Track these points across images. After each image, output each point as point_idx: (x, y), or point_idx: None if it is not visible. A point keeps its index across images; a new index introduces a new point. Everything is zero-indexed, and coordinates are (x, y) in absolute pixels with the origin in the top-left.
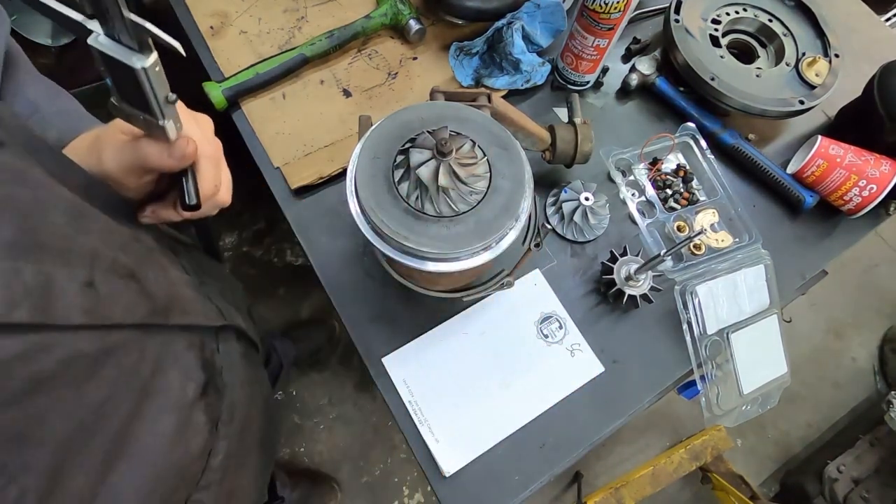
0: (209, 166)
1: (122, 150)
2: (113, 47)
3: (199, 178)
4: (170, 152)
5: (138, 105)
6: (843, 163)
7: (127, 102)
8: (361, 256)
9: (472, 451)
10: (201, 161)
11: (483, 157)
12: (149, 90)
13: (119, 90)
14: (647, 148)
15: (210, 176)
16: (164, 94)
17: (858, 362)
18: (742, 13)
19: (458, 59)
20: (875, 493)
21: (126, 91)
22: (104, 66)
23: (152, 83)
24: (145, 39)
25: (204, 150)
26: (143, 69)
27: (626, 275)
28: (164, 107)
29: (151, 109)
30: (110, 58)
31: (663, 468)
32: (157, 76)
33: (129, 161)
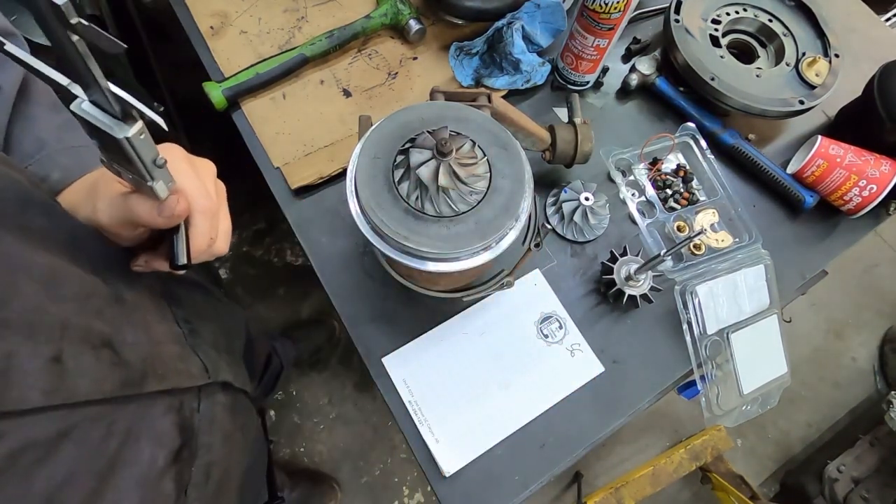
0: (203, 221)
1: (114, 204)
2: (97, 114)
3: (192, 232)
4: (159, 210)
5: (126, 167)
6: (843, 163)
7: (116, 162)
8: (361, 256)
9: (472, 451)
10: (195, 216)
11: (483, 157)
12: (134, 157)
13: (106, 153)
14: (647, 148)
15: (204, 230)
16: (152, 157)
17: (858, 362)
18: (742, 13)
19: (458, 59)
20: (875, 493)
21: (113, 154)
22: (89, 131)
23: (137, 151)
24: (129, 110)
25: (198, 204)
26: (125, 139)
27: (626, 275)
28: (151, 170)
29: (139, 172)
30: (94, 126)
31: (663, 468)
32: (142, 143)
33: (120, 216)
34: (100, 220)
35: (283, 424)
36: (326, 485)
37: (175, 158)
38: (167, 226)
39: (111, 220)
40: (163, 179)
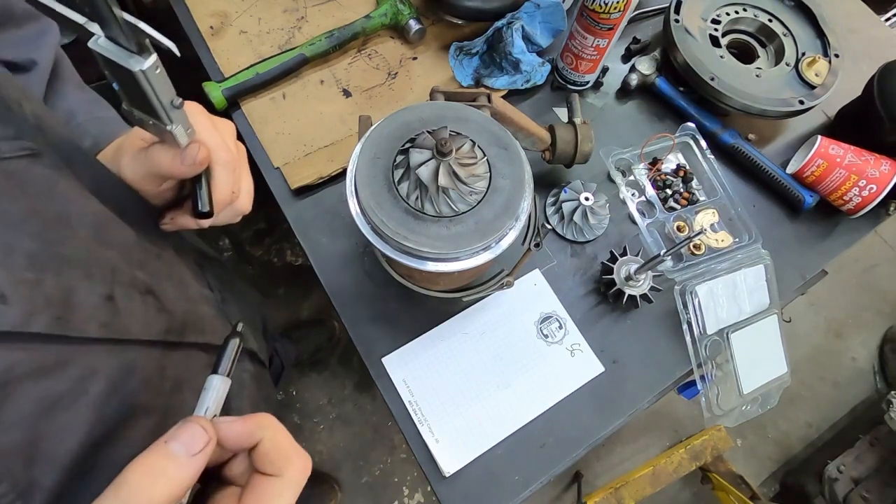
0: (224, 173)
1: (137, 158)
2: (112, 50)
3: (214, 184)
4: (181, 159)
5: (145, 110)
6: (842, 163)
7: (135, 107)
8: (361, 256)
9: (472, 451)
10: (216, 167)
11: (483, 157)
12: (150, 93)
13: (126, 95)
14: (647, 148)
15: (225, 182)
16: (169, 98)
17: (858, 362)
18: (742, 13)
19: (458, 59)
20: (875, 493)
21: (132, 95)
22: (107, 70)
23: (153, 86)
24: (143, 41)
25: (219, 156)
26: (141, 72)
27: (626, 275)
28: (169, 111)
29: (157, 114)
30: (110, 61)
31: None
32: (157, 79)
33: (144, 168)
34: (125, 176)
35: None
36: (326, 485)
37: (195, 113)
38: (189, 174)
39: (135, 174)
40: (181, 124)
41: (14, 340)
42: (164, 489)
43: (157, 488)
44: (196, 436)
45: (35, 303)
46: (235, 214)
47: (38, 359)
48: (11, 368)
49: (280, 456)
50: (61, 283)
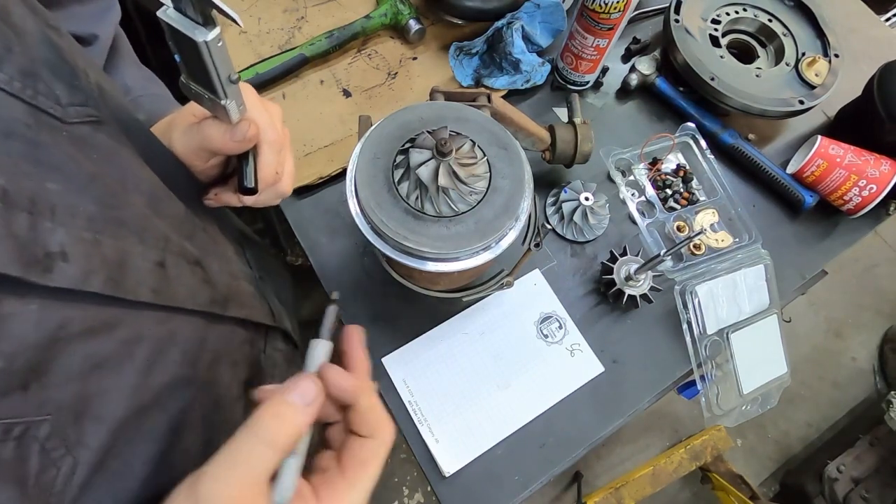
0: (270, 152)
1: (188, 131)
2: (179, 20)
3: (260, 163)
4: (231, 134)
5: (203, 83)
6: (842, 163)
7: (193, 80)
8: (361, 256)
9: (472, 451)
10: (263, 146)
11: (483, 157)
12: (210, 65)
13: (186, 66)
14: (647, 148)
15: (270, 162)
16: (227, 72)
17: (858, 362)
18: (742, 13)
19: (458, 59)
20: (875, 493)
21: (192, 67)
22: (172, 41)
23: (214, 58)
24: (209, 13)
25: (267, 135)
26: (204, 43)
27: (626, 275)
28: (226, 85)
29: (213, 87)
30: (176, 31)
31: (663, 468)
32: (218, 52)
33: (195, 142)
34: (176, 149)
35: None
36: None
37: (247, 93)
38: (237, 150)
39: (186, 147)
40: (235, 100)
41: (70, 298)
42: (287, 429)
43: (282, 428)
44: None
45: (93, 262)
46: (277, 195)
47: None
48: (65, 325)
49: (375, 418)
50: (117, 246)
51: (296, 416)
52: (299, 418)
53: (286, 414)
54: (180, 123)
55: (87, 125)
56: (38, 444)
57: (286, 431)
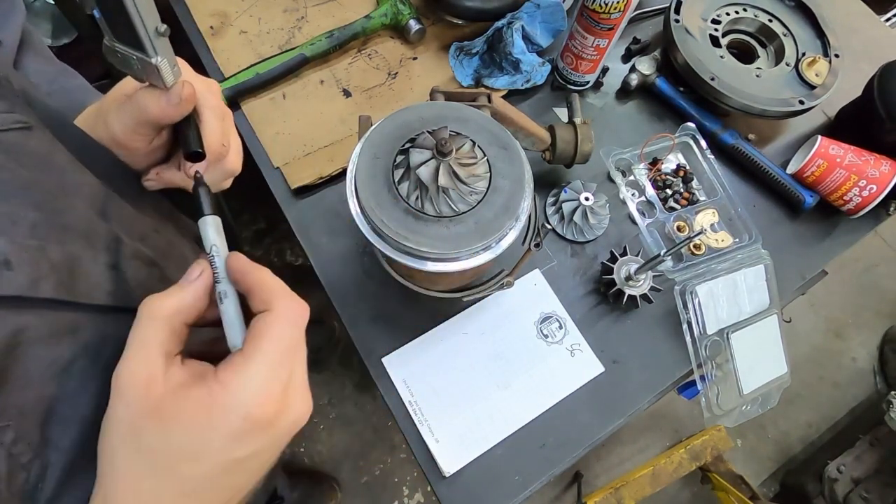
0: (213, 118)
1: (123, 108)
2: None
3: (203, 128)
4: (168, 98)
5: (128, 40)
6: (843, 163)
7: (118, 40)
8: (361, 256)
9: (472, 451)
10: (204, 111)
11: (483, 157)
12: (134, 13)
13: (108, 23)
14: (647, 148)
15: (214, 127)
16: (154, 24)
17: (858, 362)
18: (742, 13)
19: (458, 59)
20: (875, 493)
21: (115, 23)
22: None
23: (137, 5)
24: None
25: (207, 101)
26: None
27: (626, 275)
28: (154, 39)
29: (140, 41)
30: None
31: (663, 468)
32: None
33: (132, 118)
34: (113, 132)
35: None
36: (326, 485)
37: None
38: (177, 115)
39: (124, 126)
40: (167, 57)
41: (24, 305)
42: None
43: (163, 302)
44: (193, 269)
45: (40, 269)
46: (226, 174)
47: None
48: (21, 331)
49: (266, 290)
50: (65, 252)
51: (174, 290)
52: (177, 292)
53: (171, 292)
54: (112, 104)
55: (16, 132)
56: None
57: (167, 304)
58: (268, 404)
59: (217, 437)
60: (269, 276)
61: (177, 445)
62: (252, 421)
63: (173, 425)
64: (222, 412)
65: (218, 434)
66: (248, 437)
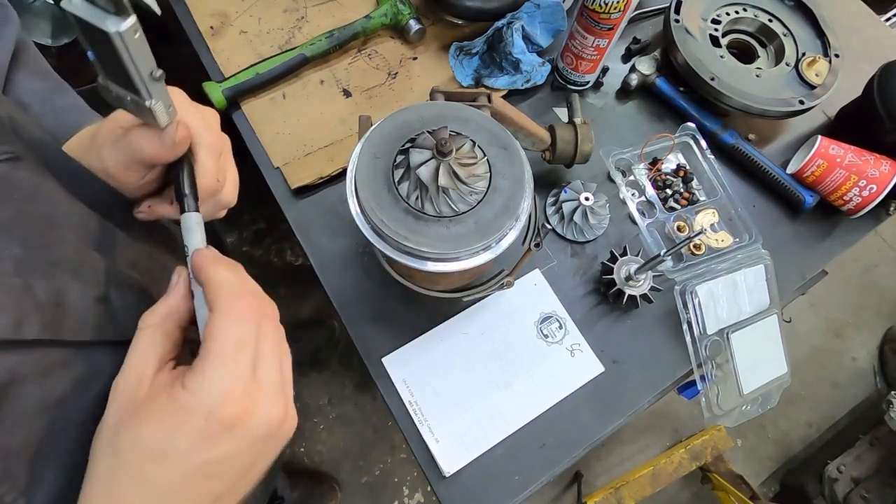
0: (209, 157)
1: (118, 144)
2: (86, 9)
3: (198, 169)
4: (161, 139)
5: (123, 82)
6: (843, 163)
7: (112, 80)
8: (361, 256)
9: (472, 451)
10: (199, 151)
11: (483, 157)
12: (127, 60)
13: (102, 64)
14: (647, 148)
15: (209, 167)
16: (148, 68)
17: (858, 362)
18: (742, 13)
19: (458, 59)
20: (875, 493)
21: (109, 65)
22: (82, 35)
23: (131, 52)
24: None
25: (203, 139)
26: (118, 34)
27: (626, 275)
28: (149, 84)
29: (134, 85)
30: (86, 23)
31: (663, 468)
32: (136, 44)
33: (126, 156)
34: (107, 165)
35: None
36: (326, 485)
37: (179, 98)
38: (170, 157)
39: (117, 162)
40: (162, 100)
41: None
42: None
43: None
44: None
45: (24, 309)
46: (219, 207)
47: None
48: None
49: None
50: (51, 287)
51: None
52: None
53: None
54: (108, 136)
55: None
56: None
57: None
58: (229, 402)
59: (182, 437)
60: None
61: (145, 446)
62: (215, 420)
63: (144, 425)
64: (185, 413)
65: (183, 435)
66: (214, 439)
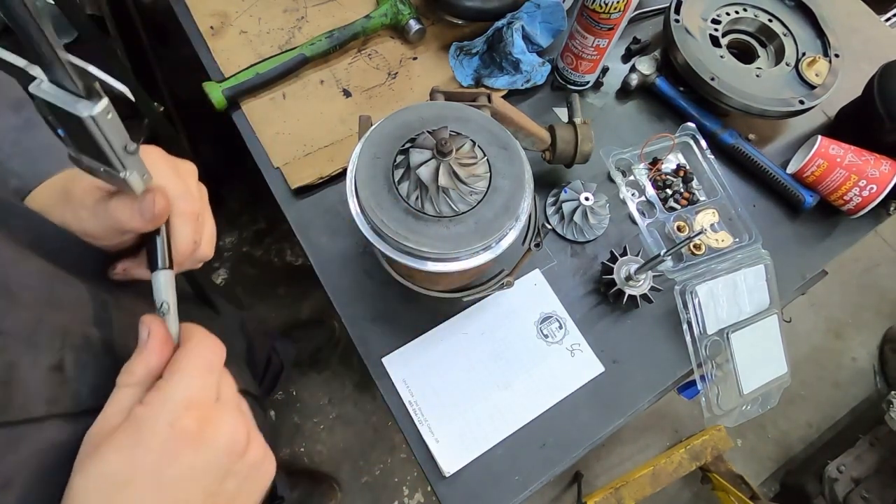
0: (185, 224)
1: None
2: (57, 94)
3: (174, 236)
4: (141, 211)
5: (96, 156)
6: (843, 163)
7: (85, 154)
8: (361, 256)
9: (472, 451)
10: (176, 220)
11: (483, 157)
12: (102, 140)
13: (73, 141)
14: (647, 148)
15: (186, 234)
16: (122, 143)
17: (858, 362)
18: (742, 13)
19: (458, 59)
20: (875, 493)
21: (81, 142)
22: (52, 116)
23: (104, 132)
24: (91, 84)
25: (179, 205)
26: (90, 118)
27: (626, 275)
28: (123, 158)
29: (109, 161)
30: (55, 107)
31: (663, 468)
32: (109, 124)
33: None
34: (86, 227)
35: (283, 424)
36: (326, 485)
37: (153, 159)
38: (150, 228)
39: (97, 230)
40: (136, 170)
41: None
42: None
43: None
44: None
45: None
46: (196, 262)
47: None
48: None
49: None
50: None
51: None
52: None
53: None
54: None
55: None
56: None
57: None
58: (192, 410)
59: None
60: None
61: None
62: (179, 429)
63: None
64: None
65: (145, 450)
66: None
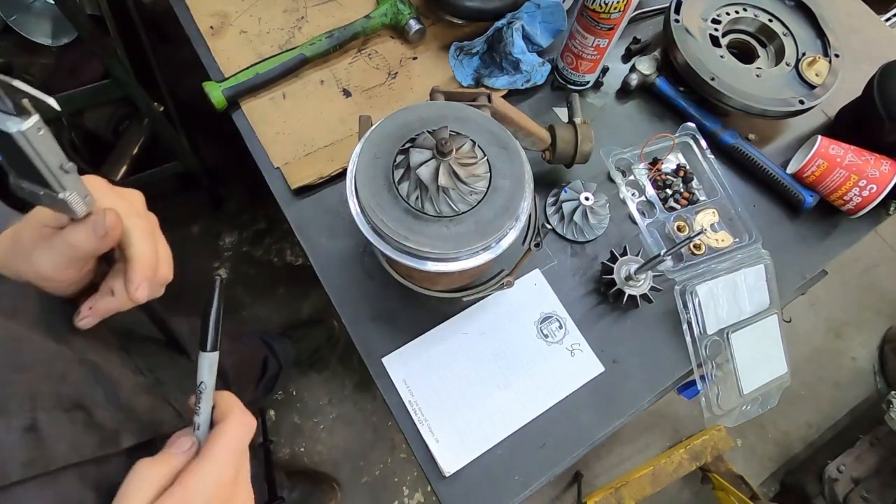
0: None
1: (52, 245)
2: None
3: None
4: (92, 228)
5: (34, 178)
6: (843, 163)
7: (24, 178)
8: (361, 256)
9: (472, 451)
10: (132, 235)
11: (483, 157)
12: (34, 157)
13: (11, 164)
14: (647, 148)
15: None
16: (57, 162)
17: (858, 362)
18: (742, 13)
19: (458, 59)
20: (875, 493)
21: (17, 163)
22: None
23: (36, 149)
24: (21, 101)
25: (133, 222)
26: (20, 133)
27: (626, 275)
28: (59, 176)
29: (45, 181)
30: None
31: (663, 468)
32: (41, 141)
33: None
34: (40, 269)
35: (283, 424)
36: (326, 485)
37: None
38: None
39: (54, 264)
40: (76, 191)
41: None
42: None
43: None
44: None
45: None
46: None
47: None
48: None
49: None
50: None
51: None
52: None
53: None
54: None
55: None
56: None
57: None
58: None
59: None
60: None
61: None
62: None
63: None
64: None
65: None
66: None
